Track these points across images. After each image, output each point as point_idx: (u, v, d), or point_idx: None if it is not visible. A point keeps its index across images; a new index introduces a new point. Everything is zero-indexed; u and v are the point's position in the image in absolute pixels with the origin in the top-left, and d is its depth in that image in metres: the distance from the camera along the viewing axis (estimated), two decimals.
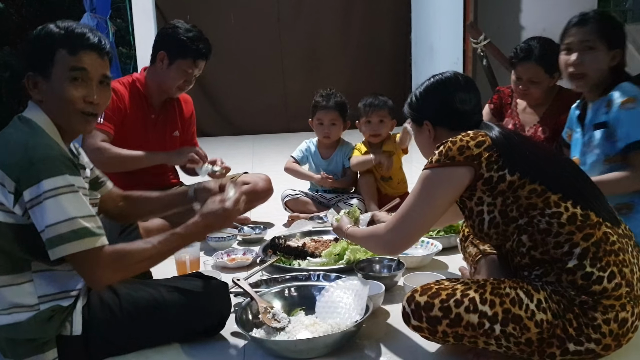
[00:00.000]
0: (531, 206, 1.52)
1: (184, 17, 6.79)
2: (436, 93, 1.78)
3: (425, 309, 1.51)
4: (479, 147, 1.57)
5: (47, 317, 1.54)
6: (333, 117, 3.27)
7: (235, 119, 7.24)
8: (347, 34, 7.28)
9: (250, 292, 1.93)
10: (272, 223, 3.23)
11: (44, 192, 1.40)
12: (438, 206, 1.62)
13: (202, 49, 2.79)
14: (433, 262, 2.47)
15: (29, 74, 1.54)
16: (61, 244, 1.41)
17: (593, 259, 1.46)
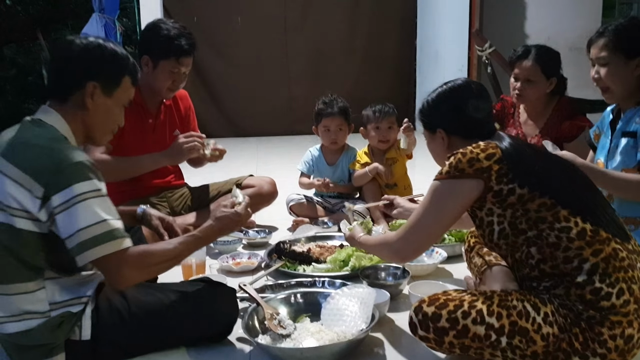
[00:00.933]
0: (540, 220, 1.53)
1: (191, 19, 6.88)
2: (449, 100, 1.78)
3: (433, 319, 1.52)
4: (489, 159, 1.57)
5: (58, 323, 1.55)
6: (339, 122, 3.29)
7: (239, 121, 7.25)
8: (352, 39, 7.30)
9: (257, 297, 1.95)
10: (276, 227, 3.25)
11: (75, 197, 1.42)
12: (447, 217, 1.65)
13: (184, 46, 2.72)
14: (438, 270, 2.49)
15: (93, 82, 1.59)
16: (94, 246, 1.44)
17: (602, 275, 1.47)
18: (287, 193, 3.42)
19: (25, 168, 1.45)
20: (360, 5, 7.22)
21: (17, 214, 1.47)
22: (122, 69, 1.65)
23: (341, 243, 2.77)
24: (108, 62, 1.62)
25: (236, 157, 5.62)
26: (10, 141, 1.53)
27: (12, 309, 1.53)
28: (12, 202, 1.45)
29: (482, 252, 2.06)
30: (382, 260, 2.45)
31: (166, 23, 2.77)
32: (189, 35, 2.77)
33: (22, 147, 1.50)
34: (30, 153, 1.47)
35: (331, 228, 3.10)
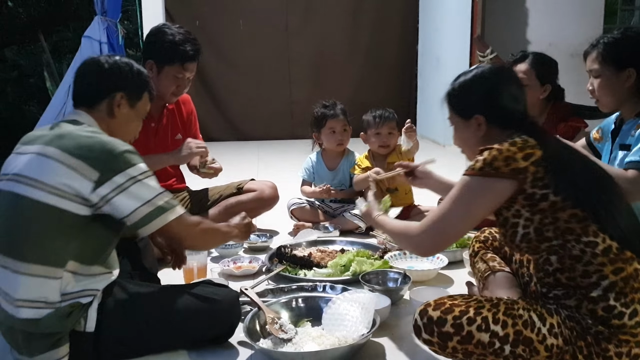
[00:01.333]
0: (568, 230, 1.49)
1: (193, 23, 6.91)
2: (489, 83, 1.66)
3: (438, 324, 1.51)
4: (526, 159, 1.49)
5: (67, 312, 1.59)
6: (344, 123, 3.31)
7: (241, 125, 7.28)
8: (354, 44, 7.32)
9: (258, 302, 1.95)
10: (277, 231, 3.25)
11: (131, 178, 1.60)
12: (475, 215, 1.56)
13: (189, 51, 2.73)
14: (439, 276, 2.49)
15: (121, 93, 1.79)
16: (159, 215, 1.63)
17: (618, 294, 1.44)
18: (288, 197, 3.42)
19: (78, 155, 1.57)
20: (361, 9, 7.25)
21: (66, 197, 1.56)
22: (144, 85, 1.87)
23: (342, 248, 2.77)
24: (134, 77, 1.84)
25: (237, 161, 5.64)
26: (55, 133, 1.65)
27: (28, 292, 1.56)
28: (64, 186, 1.56)
29: (486, 257, 2.06)
30: (383, 266, 2.45)
31: (171, 28, 2.77)
32: (194, 41, 2.77)
33: (70, 137, 1.62)
34: (83, 142, 1.61)
35: (332, 232, 3.10)
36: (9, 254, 1.58)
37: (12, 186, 1.60)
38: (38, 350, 1.60)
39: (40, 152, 1.61)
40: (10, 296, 1.58)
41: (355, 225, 3.17)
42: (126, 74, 1.82)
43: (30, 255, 1.56)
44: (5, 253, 1.59)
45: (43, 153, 1.60)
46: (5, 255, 1.59)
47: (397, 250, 2.65)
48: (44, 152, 1.60)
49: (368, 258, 2.53)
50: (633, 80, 2.14)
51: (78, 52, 5.21)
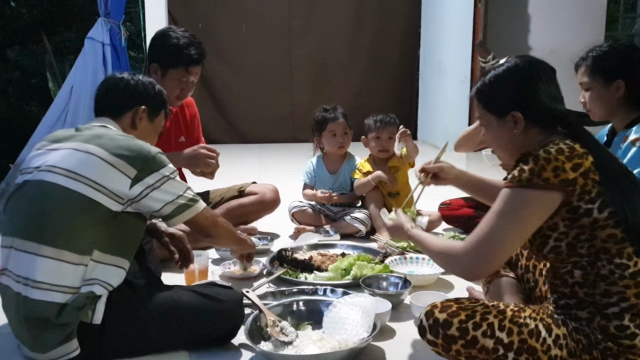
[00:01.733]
0: (603, 250, 1.43)
1: (196, 26, 6.92)
2: (527, 75, 1.53)
3: (443, 326, 1.50)
4: (575, 170, 1.40)
5: (82, 304, 1.64)
6: (344, 126, 3.32)
7: (242, 127, 7.29)
8: (356, 48, 7.34)
9: (259, 304, 1.96)
10: (278, 234, 3.25)
11: (164, 177, 1.76)
12: (526, 231, 1.44)
13: (194, 55, 2.74)
14: (439, 281, 2.49)
15: (143, 107, 1.97)
16: (188, 207, 1.81)
17: (635, 315, 1.42)
18: (290, 200, 3.42)
19: (118, 154, 1.71)
20: (364, 14, 7.27)
21: (102, 191, 1.68)
22: (163, 103, 2.06)
23: (343, 252, 2.78)
24: (156, 95, 2.02)
25: (239, 164, 5.65)
26: (92, 133, 1.78)
27: (52, 276, 1.63)
28: (103, 180, 1.68)
29: None
30: (383, 270, 2.46)
31: (176, 31, 2.78)
32: (199, 45, 2.78)
33: (108, 138, 1.76)
34: (122, 143, 1.75)
35: (333, 236, 3.10)
36: (36, 239, 1.65)
37: (44, 176, 1.69)
38: (51, 345, 1.63)
39: (79, 148, 1.72)
40: (30, 279, 1.63)
41: (356, 229, 3.18)
42: (149, 91, 2.01)
43: (61, 241, 1.64)
44: (29, 238, 1.66)
45: (83, 149, 1.72)
46: (29, 240, 1.66)
47: (397, 254, 2.66)
48: (84, 148, 1.72)
49: (369, 262, 2.53)
50: (622, 92, 2.17)
51: (81, 54, 5.23)
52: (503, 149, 1.61)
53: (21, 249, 1.66)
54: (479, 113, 1.63)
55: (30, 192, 1.71)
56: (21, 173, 1.77)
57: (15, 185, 1.75)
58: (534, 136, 1.52)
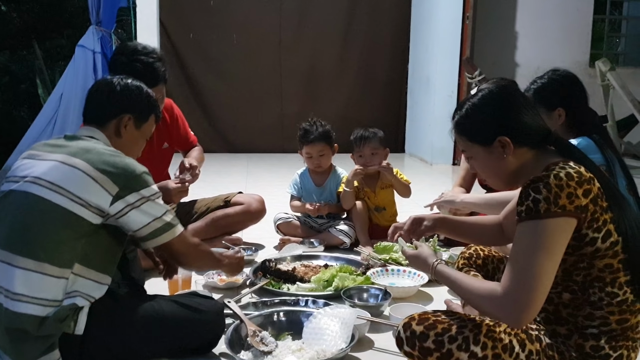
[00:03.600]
0: (598, 279, 1.44)
1: (187, 35, 6.97)
2: (503, 99, 1.54)
3: (420, 338, 1.51)
4: (586, 196, 1.38)
5: (64, 316, 1.63)
6: (320, 148, 3.30)
7: (231, 137, 7.32)
8: (346, 61, 7.42)
9: (240, 314, 1.99)
10: (263, 245, 3.29)
11: (148, 196, 1.75)
12: (557, 260, 1.40)
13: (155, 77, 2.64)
14: (419, 293, 2.53)
15: (129, 114, 1.90)
16: (165, 231, 1.78)
17: (610, 338, 1.45)
18: (276, 211, 3.46)
19: (103, 170, 1.69)
20: (353, 28, 7.36)
21: (85, 205, 1.66)
22: (151, 108, 1.99)
23: (326, 263, 2.82)
24: (143, 100, 1.96)
25: (227, 173, 5.68)
26: (80, 146, 1.76)
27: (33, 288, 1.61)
28: (86, 195, 1.67)
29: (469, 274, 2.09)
30: (365, 282, 2.50)
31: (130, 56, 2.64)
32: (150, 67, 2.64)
33: (96, 152, 1.74)
34: (106, 158, 1.73)
35: (317, 248, 3.14)
36: (17, 251, 1.64)
37: (29, 187, 1.68)
38: (32, 355, 1.62)
39: (65, 161, 1.71)
40: (10, 291, 1.61)
41: (341, 241, 3.22)
42: (136, 97, 1.94)
43: (43, 254, 1.63)
44: (11, 249, 1.64)
45: (70, 163, 1.70)
46: (11, 251, 1.64)
47: (379, 266, 2.70)
48: (70, 162, 1.70)
49: (351, 274, 2.57)
50: (564, 119, 2.37)
51: (71, 61, 5.26)
52: (496, 175, 1.59)
53: (2, 259, 1.65)
54: (463, 146, 1.61)
55: (15, 203, 1.70)
56: (7, 181, 1.76)
57: (1, 192, 1.75)
58: (524, 155, 1.52)
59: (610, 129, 6.08)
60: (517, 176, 1.55)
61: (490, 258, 2.04)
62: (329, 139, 3.32)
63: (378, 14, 7.35)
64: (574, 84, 2.45)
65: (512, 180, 1.57)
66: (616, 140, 6.23)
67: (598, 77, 6.07)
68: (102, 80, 1.97)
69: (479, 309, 1.54)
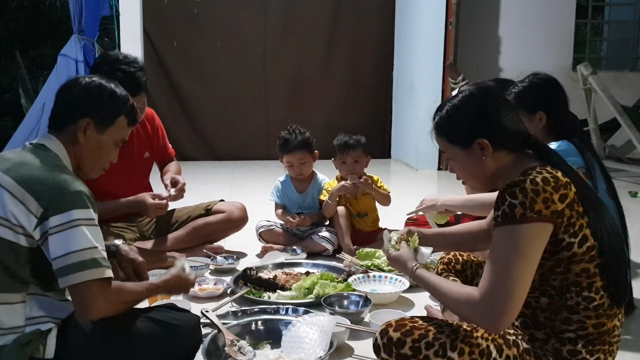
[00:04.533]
0: (575, 283, 1.45)
1: (171, 43, 6.96)
2: (483, 101, 1.55)
3: (397, 345, 1.50)
4: (562, 201, 1.39)
5: (27, 340, 1.56)
6: (300, 157, 3.29)
7: (216, 145, 7.31)
8: (330, 68, 7.44)
9: (218, 324, 1.97)
10: (245, 253, 3.27)
11: (72, 221, 1.50)
12: (534, 265, 1.39)
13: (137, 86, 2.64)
14: (400, 299, 2.53)
15: (87, 119, 1.70)
16: (80, 270, 1.49)
17: (588, 342, 1.46)
18: (259, 218, 3.44)
19: (29, 187, 1.53)
20: (338, 35, 7.39)
21: (12, 227, 1.53)
22: (117, 110, 1.77)
23: (307, 270, 2.81)
24: (104, 102, 1.74)
25: (211, 181, 5.66)
26: (15, 160, 1.61)
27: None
28: (10, 216, 1.52)
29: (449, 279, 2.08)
30: (346, 289, 2.49)
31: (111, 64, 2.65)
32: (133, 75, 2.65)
33: (28, 167, 1.58)
34: (37, 174, 1.56)
35: (299, 255, 3.13)
36: None
37: None
38: None
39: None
40: None
41: (323, 248, 3.21)
42: (95, 99, 1.73)
43: None
44: None
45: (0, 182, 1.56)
46: None
47: (361, 273, 2.69)
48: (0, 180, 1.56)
49: (332, 281, 2.57)
50: (544, 122, 2.40)
51: (54, 70, 5.23)
52: (474, 177, 1.59)
53: None
54: (443, 146, 1.61)
55: None
56: None
57: None
58: (502, 158, 1.53)
59: (592, 133, 6.14)
60: (495, 179, 1.56)
61: (470, 263, 2.04)
62: (310, 146, 3.30)
63: (362, 21, 7.39)
64: (554, 87, 2.47)
65: (490, 182, 1.58)
66: (599, 143, 6.29)
67: (580, 81, 6.13)
68: (67, 81, 1.78)
69: (458, 314, 1.55)
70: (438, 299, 1.66)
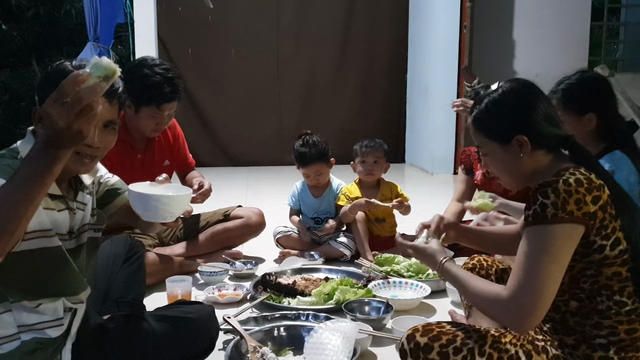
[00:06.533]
0: (606, 287, 1.42)
1: (185, 50, 6.98)
2: (525, 96, 1.50)
3: (424, 350, 1.48)
4: (595, 203, 1.36)
5: (31, 349, 1.52)
6: (316, 169, 3.28)
7: (231, 150, 7.32)
8: (344, 72, 7.43)
9: (240, 330, 1.96)
10: (263, 258, 3.26)
11: None
12: (563, 266, 1.37)
13: (167, 94, 2.70)
14: (422, 305, 2.50)
15: (36, 107, 1.51)
16: None
17: (620, 349, 1.42)
18: (276, 224, 3.43)
19: None
20: (351, 39, 7.38)
21: None
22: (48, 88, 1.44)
23: (326, 276, 2.79)
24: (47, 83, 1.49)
25: (227, 187, 5.66)
26: None
27: None
28: None
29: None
30: (366, 294, 2.47)
31: (151, 68, 2.72)
32: (171, 80, 2.73)
33: None
34: None
35: (317, 260, 3.11)
36: None
37: None
38: None
39: None
40: None
41: (341, 253, 3.20)
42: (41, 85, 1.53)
43: None
44: None
45: None
46: None
47: (381, 279, 2.67)
48: None
49: (351, 286, 2.54)
50: (594, 124, 2.21)
51: None
52: (509, 174, 1.55)
53: None
54: (479, 141, 1.57)
55: None
56: None
57: None
58: (540, 158, 1.50)
59: None
60: (530, 178, 1.52)
61: (494, 268, 2.01)
62: (325, 156, 3.28)
63: (376, 25, 7.37)
64: (606, 87, 2.29)
65: (525, 181, 1.54)
66: None
67: None
68: None
69: (483, 311, 1.52)
70: (465, 294, 1.61)
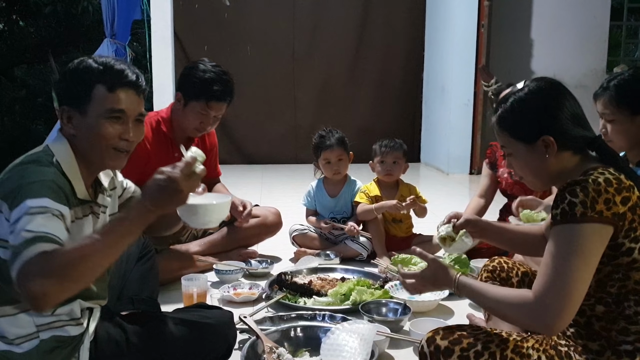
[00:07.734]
0: (633, 292, 1.38)
1: (201, 47, 6.99)
2: (552, 96, 1.46)
3: (445, 354, 1.46)
4: (624, 204, 1.33)
5: (50, 348, 1.51)
6: (338, 153, 3.28)
7: (246, 148, 7.32)
8: (359, 71, 7.39)
9: (257, 330, 1.94)
10: (279, 257, 3.24)
11: (24, 211, 1.30)
12: (593, 265, 1.33)
13: (217, 92, 2.73)
14: (439, 307, 2.47)
15: (63, 107, 1.52)
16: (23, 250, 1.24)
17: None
18: (291, 222, 3.41)
19: (4, 194, 1.38)
20: (368, 37, 7.34)
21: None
22: (87, 82, 1.52)
23: (342, 276, 2.76)
24: (69, 81, 1.54)
25: (242, 184, 5.65)
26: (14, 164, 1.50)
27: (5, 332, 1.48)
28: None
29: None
30: (383, 295, 2.44)
31: (205, 65, 2.79)
32: (224, 82, 2.77)
33: (9, 170, 1.47)
34: (14, 175, 1.42)
35: (333, 260, 3.09)
36: None
37: None
38: None
39: None
40: None
41: (357, 253, 3.17)
42: (59, 84, 1.54)
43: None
44: None
45: None
46: None
47: (397, 280, 2.64)
48: None
49: (368, 287, 2.52)
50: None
51: None
52: (534, 175, 1.51)
53: None
54: (504, 141, 1.52)
55: None
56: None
57: None
58: (567, 159, 1.46)
59: None
60: (556, 179, 1.49)
61: (515, 270, 1.97)
62: (346, 145, 3.31)
63: (392, 23, 7.32)
64: None
65: (550, 182, 1.52)
66: None
67: None
68: None
69: (509, 318, 1.47)
70: (486, 305, 1.53)
